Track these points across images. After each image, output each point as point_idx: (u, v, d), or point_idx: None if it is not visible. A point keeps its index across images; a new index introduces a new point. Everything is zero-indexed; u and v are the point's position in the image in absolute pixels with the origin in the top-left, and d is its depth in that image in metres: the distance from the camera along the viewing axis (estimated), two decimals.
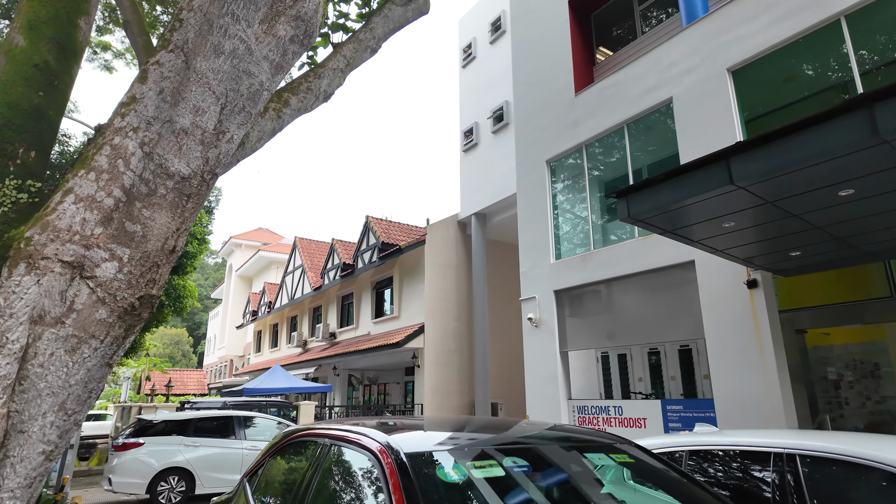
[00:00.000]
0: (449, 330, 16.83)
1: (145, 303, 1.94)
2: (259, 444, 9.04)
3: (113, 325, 1.83)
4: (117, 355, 1.97)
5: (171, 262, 2.04)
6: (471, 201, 17.42)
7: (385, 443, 1.83)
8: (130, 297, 1.85)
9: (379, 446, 1.83)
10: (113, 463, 8.11)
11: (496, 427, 2.32)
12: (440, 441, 1.96)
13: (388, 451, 1.76)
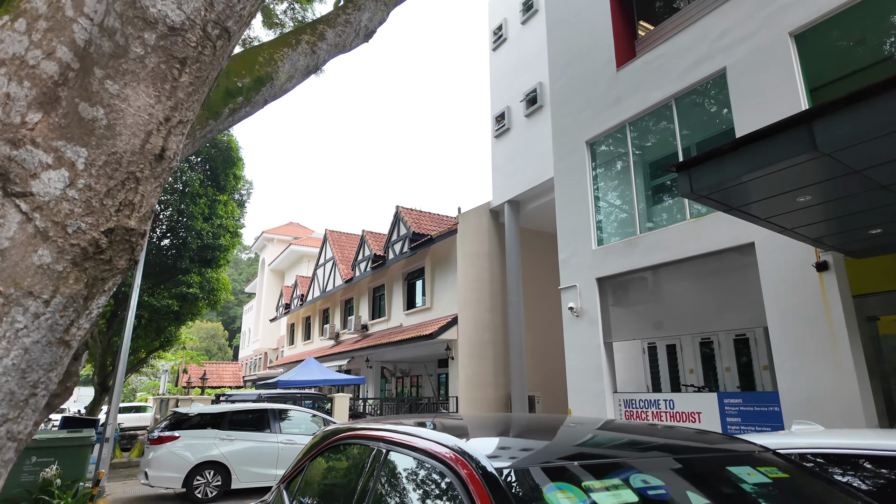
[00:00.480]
0: (483, 321, 16.39)
1: (118, 242, 1.20)
2: (294, 437, 8.82)
3: (64, 277, 1.13)
4: (79, 328, 1.25)
5: (161, 177, 1.30)
6: (503, 188, 16.88)
7: (459, 449, 1.41)
8: (91, 229, 1.15)
9: (451, 454, 1.41)
10: (149, 456, 8.00)
11: (582, 429, 1.89)
12: (531, 449, 1.53)
13: (467, 462, 1.33)
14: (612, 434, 1.73)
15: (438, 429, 1.73)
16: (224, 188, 17.34)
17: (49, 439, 7.10)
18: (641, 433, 1.82)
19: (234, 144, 17.28)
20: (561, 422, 2.10)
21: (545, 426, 2.01)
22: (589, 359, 10.64)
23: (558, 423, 2.03)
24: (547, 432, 1.84)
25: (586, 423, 2.04)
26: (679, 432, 1.86)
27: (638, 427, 1.99)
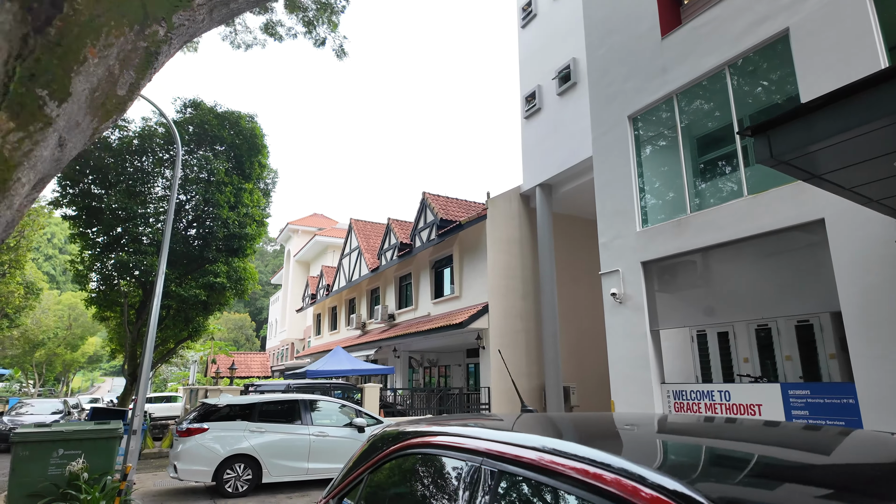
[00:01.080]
0: (514, 309, 15.82)
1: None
2: (326, 429, 8.45)
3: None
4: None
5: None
6: (534, 171, 16.20)
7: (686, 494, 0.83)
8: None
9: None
10: (178, 449, 7.71)
11: (745, 432, 1.34)
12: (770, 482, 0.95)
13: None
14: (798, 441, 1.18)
15: (586, 441, 1.20)
16: (249, 176, 17.07)
17: (75, 431, 6.84)
18: (815, 440, 1.25)
19: (258, 131, 16.97)
20: (717, 425, 1.56)
21: (711, 432, 1.47)
22: (634, 347, 10.01)
23: (718, 429, 1.48)
24: (731, 444, 1.28)
25: (740, 426, 1.50)
26: (858, 437, 1.29)
27: (795, 431, 1.42)
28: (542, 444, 1.20)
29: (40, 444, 6.65)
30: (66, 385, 55.11)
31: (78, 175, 14.94)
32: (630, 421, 1.85)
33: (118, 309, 17.24)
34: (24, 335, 32.03)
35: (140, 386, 7.39)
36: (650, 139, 10.59)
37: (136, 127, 15.94)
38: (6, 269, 22.06)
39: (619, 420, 1.90)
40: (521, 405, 1.99)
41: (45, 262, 63.02)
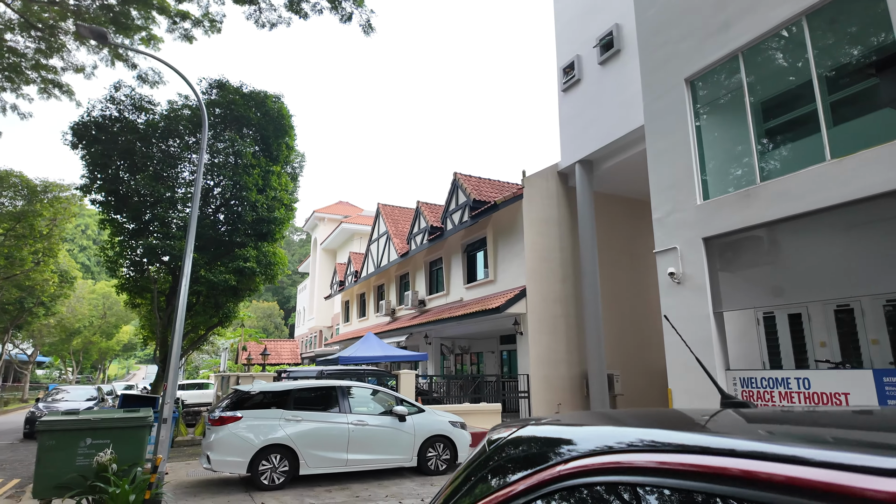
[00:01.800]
0: (553, 293, 15.05)
1: None
2: (365, 418, 7.90)
3: None
4: None
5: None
6: (573, 147, 15.30)
7: None
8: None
9: None
10: (210, 439, 7.26)
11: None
12: None
13: None
14: None
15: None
16: (276, 159, 16.60)
17: (103, 419, 6.42)
18: None
19: (284, 112, 16.45)
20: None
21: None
22: (695, 331, 9.17)
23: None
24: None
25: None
26: None
27: None
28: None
29: (67, 432, 6.25)
30: (102, 372, 56.56)
31: (105, 160, 14.68)
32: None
33: (149, 296, 17.07)
34: (61, 323, 32.65)
35: (169, 373, 6.94)
36: (711, 103, 9.64)
37: (162, 109, 15.59)
38: (40, 258, 22.25)
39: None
40: (723, 396, 1.24)
41: (80, 252, 64.53)
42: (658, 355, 16.52)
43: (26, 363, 36.71)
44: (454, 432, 8.41)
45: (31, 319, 26.89)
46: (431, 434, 8.23)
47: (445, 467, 8.23)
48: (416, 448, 8.10)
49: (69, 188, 21.68)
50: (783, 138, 8.63)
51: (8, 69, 16.76)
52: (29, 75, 16.73)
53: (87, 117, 14.93)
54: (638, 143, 13.67)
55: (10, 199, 20.78)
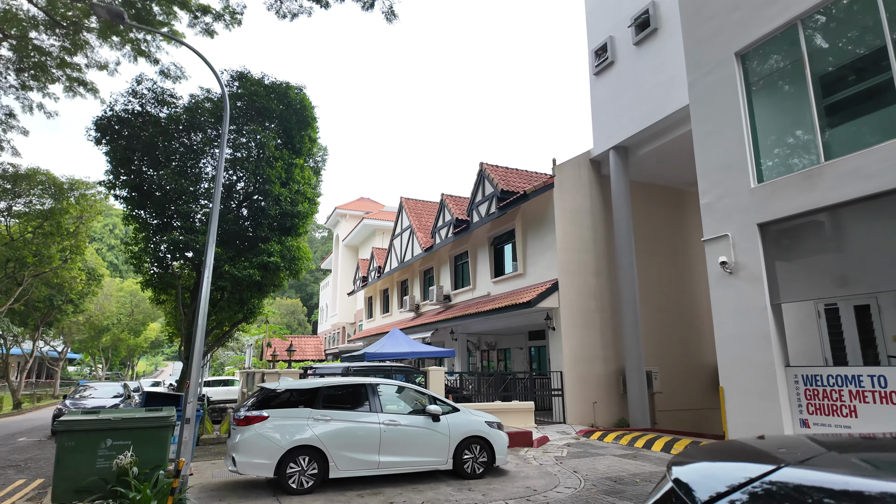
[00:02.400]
0: (587, 287, 14.39)
1: None
2: (397, 417, 7.42)
3: None
4: None
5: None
6: (607, 133, 14.59)
7: None
8: None
9: None
10: (235, 440, 6.87)
11: None
12: None
13: None
14: None
15: None
16: (299, 151, 16.25)
17: (124, 419, 6.07)
18: None
19: (307, 103, 16.08)
20: None
21: None
22: (749, 324, 8.48)
23: None
24: None
25: None
26: None
27: None
28: None
29: (86, 433, 5.92)
30: (131, 369, 57.56)
31: (128, 154, 14.51)
32: None
33: (173, 292, 16.92)
34: (90, 321, 33.10)
35: (192, 369, 6.57)
36: (765, 78, 8.89)
37: (185, 103, 15.36)
38: (67, 255, 22.40)
39: None
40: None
41: (108, 251, 65.75)
42: (698, 351, 15.75)
43: (57, 360, 37.39)
44: (491, 433, 7.89)
45: (61, 317, 27.22)
46: (467, 435, 7.72)
47: (483, 470, 7.72)
48: (452, 450, 7.60)
49: (95, 185, 21.76)
50: (851, 112, 7.86)
51: (34, 68, 16.78)
52: (54, 74, 16.74)
53: (110, 112, 14.78)
54: (677, 126, 12.92)
55: (38, 198, 20.93)
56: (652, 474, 7.93)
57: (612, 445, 10.78)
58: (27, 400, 29.30)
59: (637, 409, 13.04)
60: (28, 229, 20.94)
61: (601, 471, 8.27)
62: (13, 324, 26.86)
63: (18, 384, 26.72)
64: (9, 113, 18.91)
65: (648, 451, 10.02)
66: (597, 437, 11.74)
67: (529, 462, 9.03)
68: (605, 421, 13.66)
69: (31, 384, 41.86)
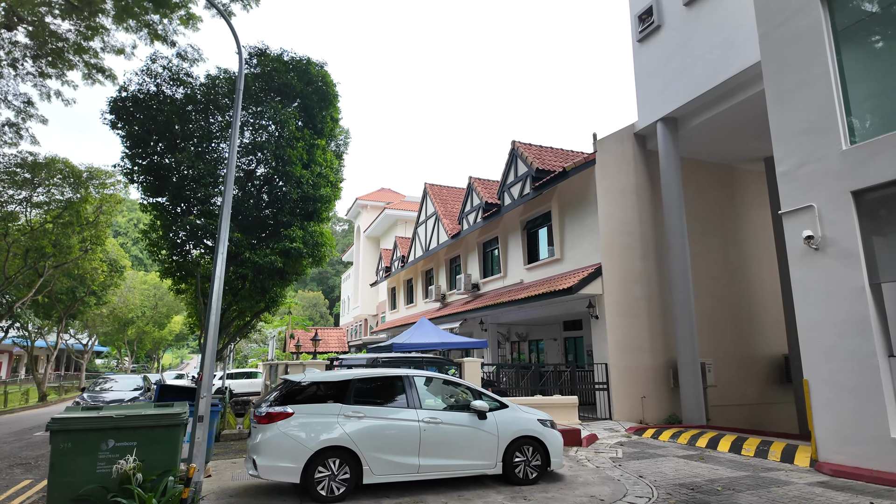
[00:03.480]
0: (633, 272, 13.26)
1: None
2: (438, 415, 6.49)
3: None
4: None
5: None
6: (653, 104, 13.38)
7: None
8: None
9: None
10: (256, 439, 6.01)
11: None
12: None
13: None
14: None
15: None
16: (321, 132, 15.39)
17: (128, 417, 5.25)
18: None
19: (328, 80, 15.18)
20: None
21: None
22: (841, 308, 7.32)
23: None
24: None
25: None
26: None
27: None
28: None
29: (85, 433, 5.11)
30: (157, 361, 58.06)
31: (144, 135, 13.83)
32: None
33: (193, 281, 16.29)
34: (113, 313, 33.03)
35: (205, 360, 5.75)
36: (856, 23, 7.65)
37: (202, 81, 14.61)
38: (88, 246, 22.02)
39: None
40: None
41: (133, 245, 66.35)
42: (753, 341, 14.51)
43: (82, 352, 37.56)
44: (545, 433, 6.90)
45: (84, 308, 27.03)
46: (518, 435, 6.75)
47: (536, 475, 6.74)
48: (501, 452, 6.63)
49: (114, 174, 21.30)
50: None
51: (51, 54, 16.27)
52: (72, 60, 16.22)
53: (125, 93, 14.11)
54: (734, 93, 11.68)
55: (58, 188, 20.53)
56: (731, 480, 6.87)
57: (670, 444, 9.71)
58: (53, 392, 29.32)
59: (691, 405, 11.92)
60: (48, 219, 20.59)
61: (669, 475, 7.23)
62: (37, 316, 26.75)
63: (44, 376, 26.65)
64: (27, 101, 18.44)
65: (715, 452, 8.93)
66: (650, 435, 10.67)
67: (584, 464, 8.03)
68: (654, 417, 12.56)
69: (59, 377, 42.28)
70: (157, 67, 14.31)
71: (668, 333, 13.21)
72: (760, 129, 13.05)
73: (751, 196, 15.52)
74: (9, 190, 19.84)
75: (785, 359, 14.42)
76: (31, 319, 26.32)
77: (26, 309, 24.65)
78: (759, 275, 15.03)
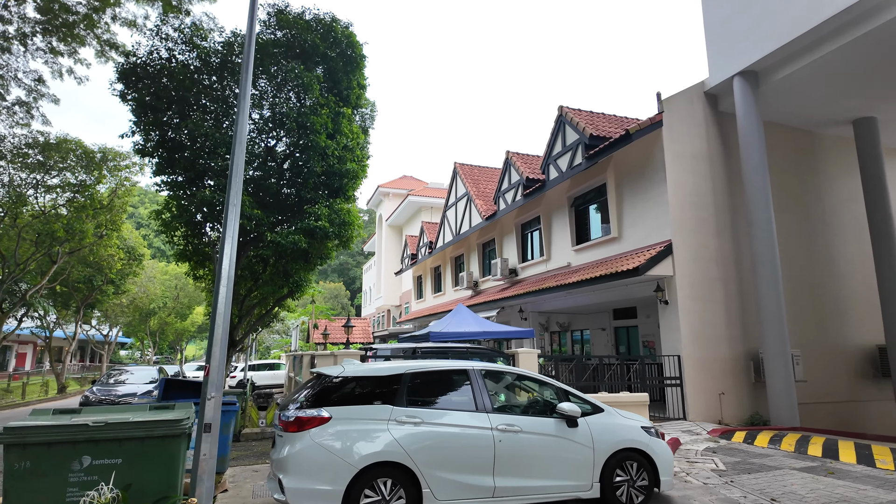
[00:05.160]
0: (707, 250, 11.54)
1: None
2: (516, 420, 4.96)
3: None
4: None
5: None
6: (730, 56, 11.57)
7: None
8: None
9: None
10: (283, 453, 4.56)
11: None
12: None
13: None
14: None
15: None
16: (347, 99, 13.92)
17: (110, 426, 3.83)
18: None
19: (354, 41, 13.66)
20: None
21: None
22: None
23: None
24: None
25: None
26: None
27: None
28: None
29: (49, 448, 3.70)
30: (180, 353, 57.82)
31: (156, 101, 12.53)
32: None
33: (211, 266, 15.04)
34: (133, 303, 32.28)
35: (213, 349, 4.32)
36: None
37: (216, 45, 13.24)
38: (103, 231, 21.00)
39: None
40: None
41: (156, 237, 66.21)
42: (841, 329, 12.66)
43: (103, 343, 37.02)
44: (652, 444, 5.33)
45: (102, 298, 26.19)
46: (619, 447, 5.19)
47: (643, 499, 5.18)
48: (598, 469, 5.08)
49: (128, 156, 20.17)
50: None
51: (62, 27, 15.14)
52: (83, 36, 15.09)
53: (134, 58, 12.82)
54: (832, 38, 9.82)
55: (71, 170, 19.48)
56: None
57: (773, 452, 8.04)
58: (74, 383, 28.68)
59: (780, 403, 10.20)
60: (61, 201, 19.57)
61: (807, 497, 5.60)
62: (55, 305, 25.99)
63: (62, 367, 25.92)
64: (38, 78, 17.28)
65: (839, 464, 7.23)
66: (741, 440, 9.00)
67: (686, 480, 6.43)
68: (734, 417, 10.87)
69: (83, 368, 41.98)
70: (169, 29, 12.97)
71: (747, 320, 11.48)
72: (853, 85, 11.17)
73: (835, 165, 13.60)
74: (21, 172, 18.86)
75: (880, 350, 12.55)
76: (47, 308, 25.54)
77: (41, 297, 23.83)
78: (847, 255, 13.14)
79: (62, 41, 15.63)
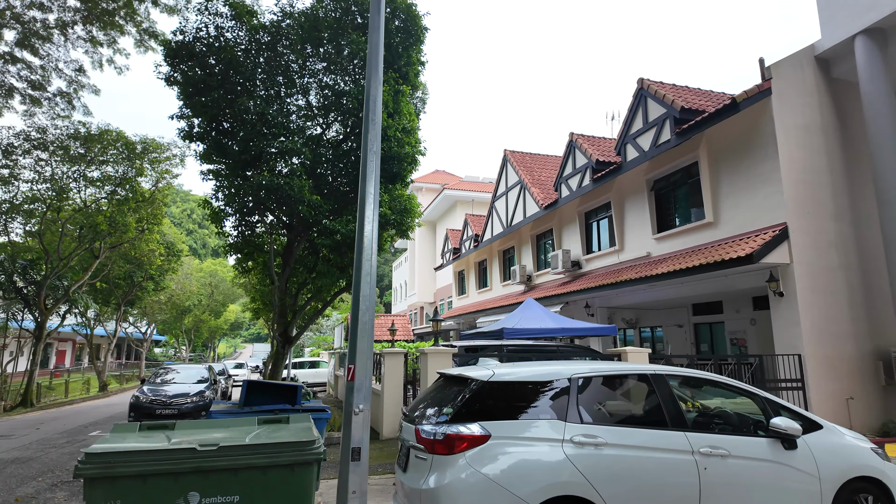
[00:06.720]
0: (826, 235, 10.12)
1: None
2: (720, 440, 3.78)
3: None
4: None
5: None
6: (848, 13, 10.11)
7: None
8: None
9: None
10: (428, 482, 3.43)
11: None
12: None
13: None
14: None
15: None
16: (406, 77, 12.88)
17: (226, 449, 2.75)
18: None
19: (413, 12, 12.58)
20: None
21: None
22: None
23: None
24: None
25: None
26: None
27: None
28: None
29: (145, 482, 2.65)
30: (213, 350, 57.97)
31: (206, 78, 11.67)
32: None
33: (260, 258, 14.18)
34: (171, 300, 32.01)
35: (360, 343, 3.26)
36: None
37: (268, 20, 12.34)
38: (144, 225, 20.43)
39: None
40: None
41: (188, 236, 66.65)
42: None
43: (141, 341, 36.93)
44: (888, 471, 4.10)
45: (141, 294, 25.81)
46: (851, 475, 3.96)
47: None
48: None
49: (169, 148, 19.53)
50: None
51: (102, 16, 14.50)
52: (123, 25, 14.44)
53: (181, 35, 12.00)
54: None
55: (112, 164, 18.91)
56: None
57: None
58: (114, 381, 28.43)
59: None
60: (102, 195, 19.02)
61: None
62: (96, 302, 25.67)
63: (104, 365, 25.59)
64: (78, 68, 16.71)
65: None
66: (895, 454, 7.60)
67: None
68: (863, 424, 9.45)
69: (120, 365, 42.12)
70: (218, 4, 12.11)
71: (874, 315, 10.03)
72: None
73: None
74: (62, 166, 18.35)
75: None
76: (88, 304, 25.23)
77: (84, 294, 23.48)
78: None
79: (102, 30, 14.98)
